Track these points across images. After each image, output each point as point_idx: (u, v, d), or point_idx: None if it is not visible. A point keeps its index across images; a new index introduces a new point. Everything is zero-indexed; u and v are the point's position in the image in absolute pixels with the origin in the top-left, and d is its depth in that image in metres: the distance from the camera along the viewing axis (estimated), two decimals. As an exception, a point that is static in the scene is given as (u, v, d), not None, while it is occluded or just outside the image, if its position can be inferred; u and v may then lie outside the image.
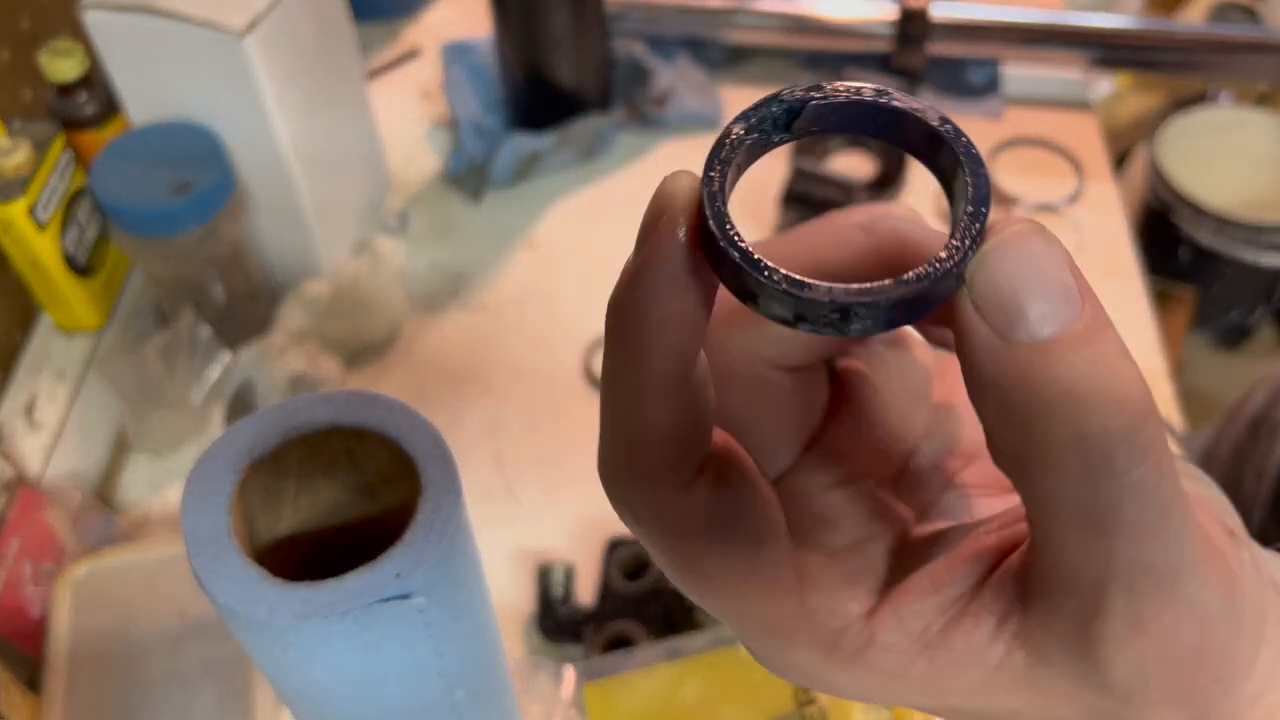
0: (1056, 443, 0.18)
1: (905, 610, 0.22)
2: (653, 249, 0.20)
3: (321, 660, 0.33)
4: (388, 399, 0.34)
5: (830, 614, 0.22)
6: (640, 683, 0.52)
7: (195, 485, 0.33)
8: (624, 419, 0.21)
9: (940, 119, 0.20)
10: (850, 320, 0.19)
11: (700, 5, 0.90)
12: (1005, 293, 0.18)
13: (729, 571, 0.22)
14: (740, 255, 0.19)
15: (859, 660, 0.22)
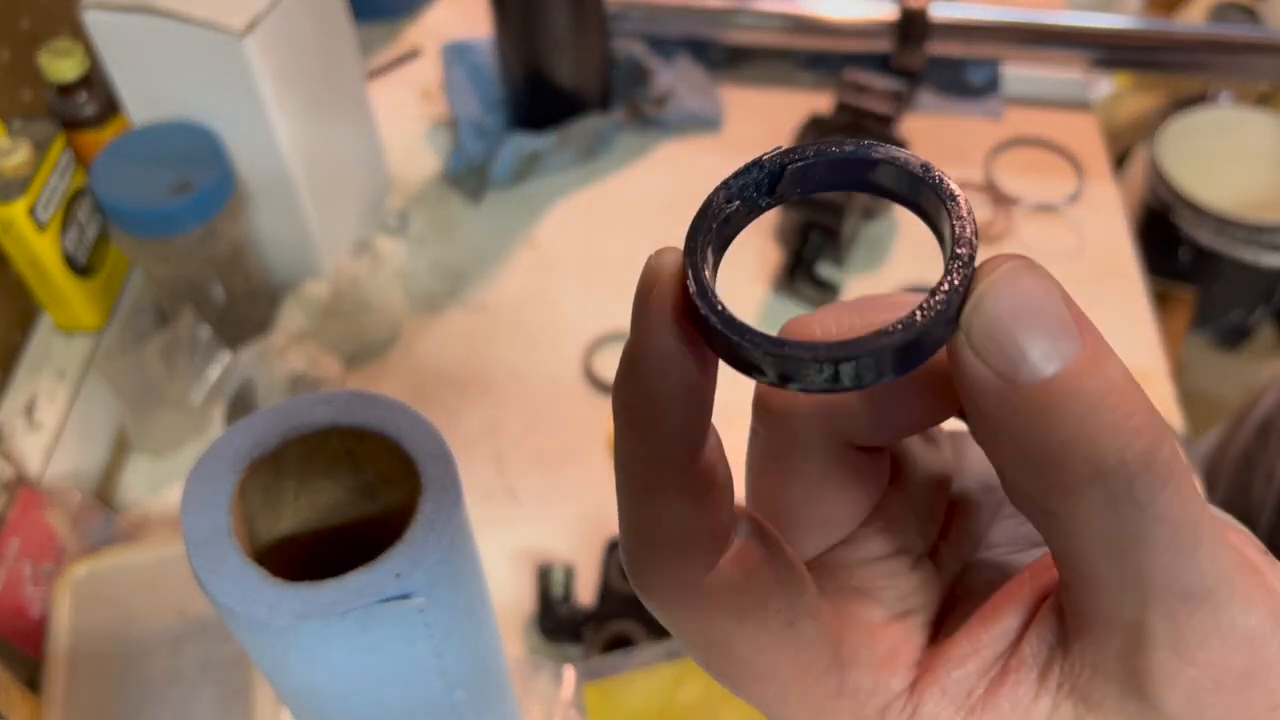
0: (1076, 481, 0.18)
1: (947, 679, 0.21)
2: (644, 327, 0.20)
3: (321, 660, 0.33)
4: (388, 399, 0.34)
5: (872, 692, 0.22)
6: (640, 683, 0.52)
7: (195, 485, 0.33)
8: (638, 504, 0.21)
9: (921, 165, 0.19)
10: (840, 376, 0.18)
11: (700, 5, 0.90)
12: (1003, 335, 0.18)
13: (762, 653, 0.21)
14: (721, 321, 0.19)
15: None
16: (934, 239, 0.20)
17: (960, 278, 0.18)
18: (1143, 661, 0.19)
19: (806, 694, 0.22)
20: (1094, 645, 0.20)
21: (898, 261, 0.79)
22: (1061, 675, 0.21)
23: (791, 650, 0.21)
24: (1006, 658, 0.21)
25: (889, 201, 0.21)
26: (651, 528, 0.21)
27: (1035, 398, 0.18)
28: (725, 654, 0.22)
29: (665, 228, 0.83)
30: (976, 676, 0.21)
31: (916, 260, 0.78)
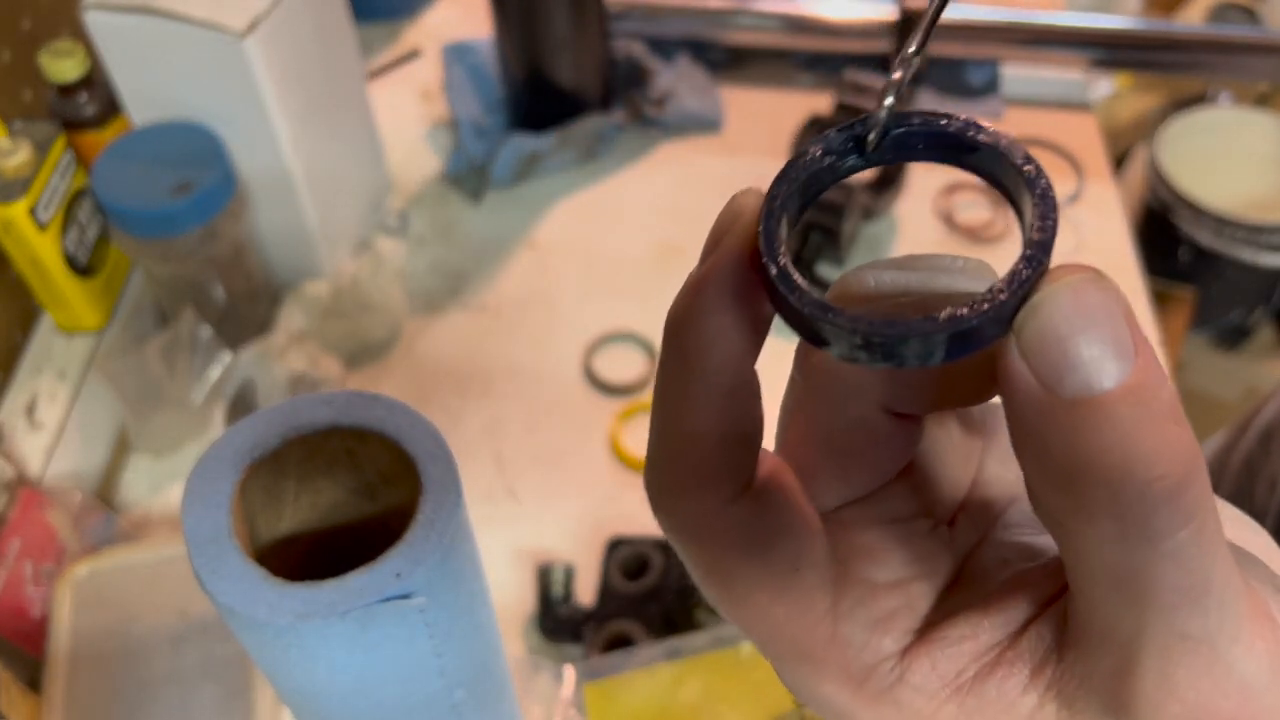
0: (1094, 502, 0.18)
1: (940, 653, 0.22)
2: (713, 263, 0.21)
3: (322, 660, 0.33)
4: (388, 399, 0.34)
5: (863, 647, 0.22)
6: (640, 683, 0.52)
7: (196, 485, 0.33)
8: (672, 428, 0.21)
9: (1024, 157, 0.19)
10: (885, 354, 0.19)
11: (700, 6, 0.90)
12: (1053, 345, 0.18)
13: (762, 591, 0.22)
14: (777, 273, 0.19)
15: (887, 698, 0.22)
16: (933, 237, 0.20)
17: (1025, 279, 0.18)
18: (1129, 687, 0.19)
19: (798, 638, 0.22)
20: (1087, 658, 0.20)
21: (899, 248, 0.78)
22: (1052, 677, 0.21)
23: (790, 594, 0.22)
24: (1003, 647, 0.21)
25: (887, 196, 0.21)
26: (679, 454, 0.21)
27: (1072, 412, 0.18)
28: (726, 586, 0.22)
29: (665, 228, 0.83)
30: (969, 658, 0.21)
31: (916, 260, 0.78)
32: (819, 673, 0.22)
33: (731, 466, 0.21)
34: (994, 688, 0.21)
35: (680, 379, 0.21)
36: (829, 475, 0.24)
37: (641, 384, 0.72)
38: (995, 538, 0.25)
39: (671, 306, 0.21)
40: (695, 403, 0.21)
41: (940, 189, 0.82)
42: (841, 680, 0.22)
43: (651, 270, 0.80)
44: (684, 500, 0.22)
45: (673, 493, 0.22)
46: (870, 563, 0.23)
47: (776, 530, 0.22)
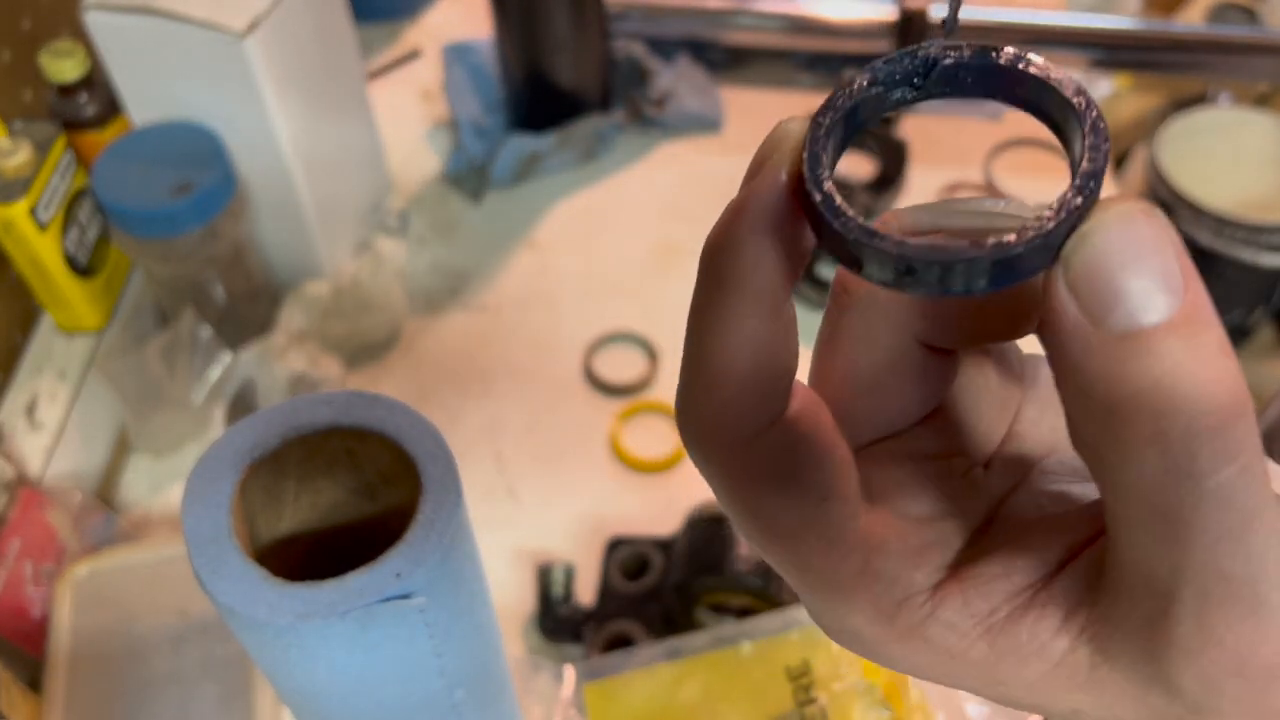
0: (1137, 437, 0.18)
1: (972, 591, 0.21)
2: (754, 188, 0.20)
3: (322, 660, 0.33)
4: (388, 399, 0.34)
5: (894, 581, 0.22)
6: (640, 682, 0.52)
7: (196, 485, 0.33)
8: (707, 356, 0.21)
9: (1076, 89, 0.19)
10: (929, 279, 0.18)
11: (700, 6, 0.90)
12: (1101, 276, 0.17)
13: (792, 521, 0.22)
14: (821, 198, 0.19)
15: (917, 634, 0.22)
16: None
17: (1074, 208, 0.18)
18: (1165, 632, 0.19)
19: (828, 569, 0.22)
20: (1122, 603, 0.19)
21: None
22: (1086, 622, 0.20)
23: (821, 525, 0.22)
24: (1037, 589, 0.21)
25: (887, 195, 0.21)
26: (713, 382, 0.21)
27: (1118, 345, 0.17)
28: (757, 516, 0.22)
29: (665, 228, 0.83)
30: (1002, 598, 0.21)
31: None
32: (849, 605, 0.22)
33: (765, 395, 0.21)
34: (1026, 629, 0.21)
35: (717, 305, 0.21)
36: (862, 409, 0.24)
37: (642, 384, 0.73)
38: (1030, 486, 0.24)
39: (710, 233, 0.21)
40: (731, 329, 0.21)
41: (940, 189, 0.82)
42: (871, 614, 0.22)
43: (651, 270, 0.80)
44: (717, 430, 0.21)
45: (706, 422, 0.22)
46: (903, 497, 0.23)
47: (808, 461, 0.22)
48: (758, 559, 0.55)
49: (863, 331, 0.23)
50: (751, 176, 0.21)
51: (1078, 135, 0.19)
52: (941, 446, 0.24)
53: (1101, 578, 0.20)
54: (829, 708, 0.50)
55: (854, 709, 0.49)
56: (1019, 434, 0.25)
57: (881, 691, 0.50)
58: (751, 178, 0.21)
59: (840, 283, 0.23)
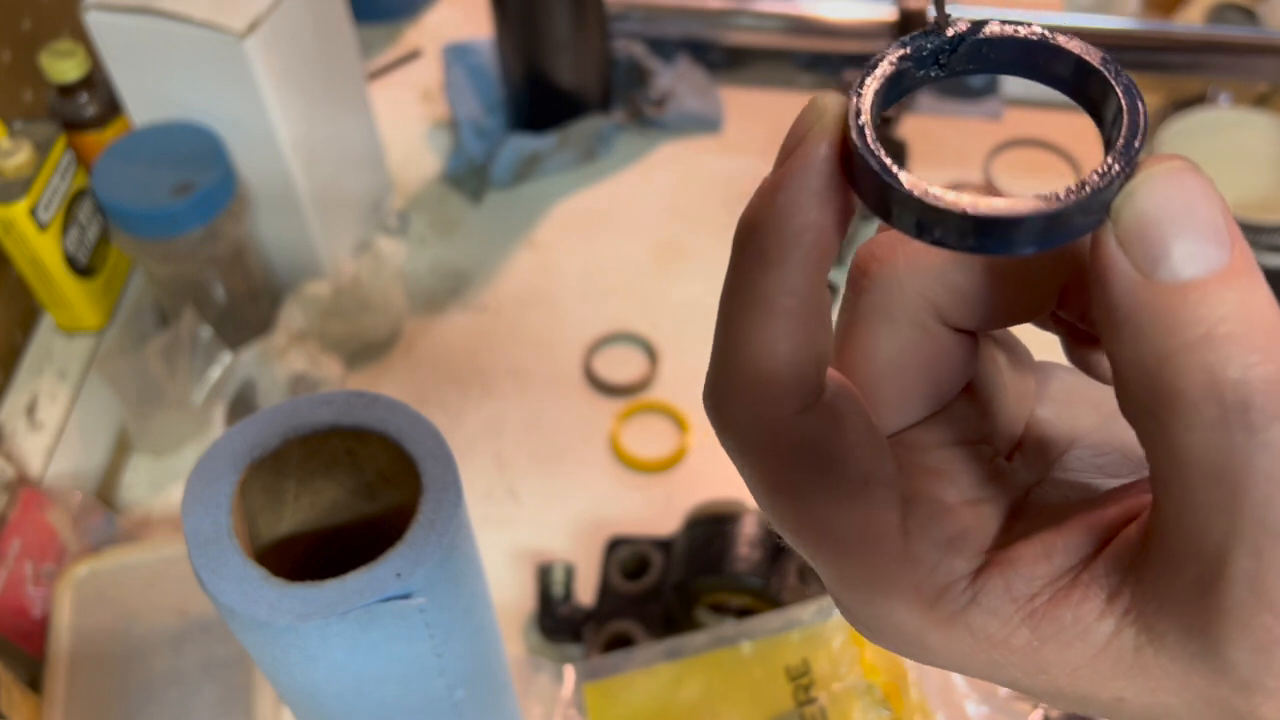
0: (1191, 388, 0.17)
1: (1014, 574, 0.21)
2: (796, 160, 0.20)
3: (322, 660, 0.33)
4: (388, 399, 0.34)
5: (934, 567, 0.21)
6: (640, 682, 0.52)
7: (196, 485, 0.33)
8: (741, 337, 0.21)
9: (1102, 58, 0.20)
10: (980, 236, 0.18)
11: (700, 6, 0.90)
12: (1152, 227, 0.18)
13: (830, 507, 0.21)
14: (877, 163, 0.19)
15: (958, 621, 0.21)
16: None
17: (1121, 166, 0.18)
18: (1215, 598, 0.18)
19: (867, 557, 0.22)
20: (1169, 575, 0.19)
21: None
22: (1130, 602, 0.20)
23: (861, 511, 0.21)
24: (1078, 571, 0.21)
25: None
26: (749, 361, 0.21)
27: (1170, 295, 0.17)
28: (792, 502, 0.22)
29: (666, 228, 0.83)
30: (1043, 582, 0.21)
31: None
32: (889, 594, 0.22)
33: (803, 377, 0.21)
34: (1069, 612, 0.20)
35: (754, 284, 0.20)
36: (887, 395, 0.23)
37: (642, 384, 0.73)
38: (1055, 479, 0.24)
39: (745, 211, 0.21)
40: (769, 308, 0.20)
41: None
42: (912, 602, 0.22)
43: (651, 270, 0.80)
44: (752, 411, 0.21)
45: (740, 403, 0.21)
46: (940, 482, 0.23)
47: (846, 444, 0.21)
48: (757, 559, 0.56)
49: (883, 313, 0.23)
50: (787, 154, 0.20)
51: (1112, 100, 0.19)
52: (968, 434, 0.24)
53: (1144, 555, 0.20)
54: (829, 708, 0.50)
55: (854, 709, 0.49)
56: (1038, 429, 0.25)
57: (881, 691, 0.50)
58: (787, 155, 0.20)
59: (858, 266, 0.23)
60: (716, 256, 0.80)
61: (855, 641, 0.51)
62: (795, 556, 0.56)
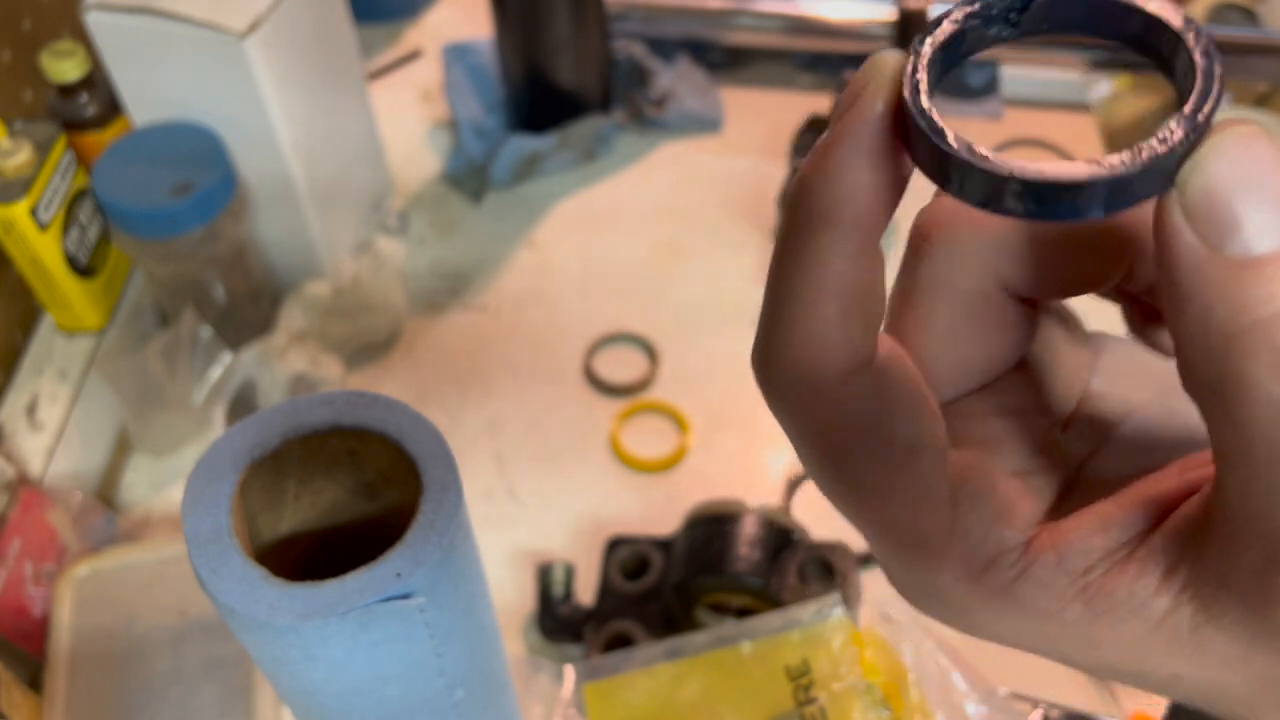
0: (1259, 367, 0.17)
1: (1067, 547, 0.20)
2: (849, 119, 0.20)
3: (322, 659, 0.33)
4: (388, 399, 0.34)
5: (984, 538, 0.21)
6: (640, 682, 0.52)
7: (196, 485, 0.33)
8: (793, 297, 0.20)
9: (1184, 19, 0.19)
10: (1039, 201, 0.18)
11: (700, 6, 0.90)
12: (1220, 199, 0.17)
13: (879, 474, 0.21)
14: (929, 126, 0.19)
15: (1009, 594, 0.21)
16: None
17: (1190, 130, 0.17)
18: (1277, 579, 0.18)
19: (915, 526, 0.21)
20: (1230, 554, 0.18)
21: (897, 262, 0.79)
22: (1188, 578, 0.19)
23: (909, 478, 0.21)
24: (1134, 546, 0.20)
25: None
26: (796, 323, 0.20)
27: (1237, 272, 0.17)
28: (840, 468, 0.21)
29: (666, 228, 0.83)
30: (1099, 555, 0.20)
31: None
32: (936, 564, 0.21)
33: (853, 338, 0.20)
34: (1124, 587, 0.20)
35: (807, 243, 0.20)
36: (945, 362, 0.23)
37: (642, 384, 0.73)
38: (1110, 452, 0.24)
39: (799, 173, 0.20)
40: (821, 267, 0.20)
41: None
42: (960, 572, 0.21)
43: (652, 270, 0.80)
44: (799, 375, 0.21)
45: (787, 368, 0.21)
46: (992, 452, 0.23)
47: (896, 410, 0.21)
48: (757, 559, 0.56)
49: (943, 279, 0.23)
50: (844, 110, 0.20)
51: (1187, 60, 0.18)
52: (1024, 403, 0.24)
53: (1204, 531, 0.19)
54: (829, 707, 0.50)
55: (854, 709, 0.49)
56: (1093, 401, 0.25)
57: (881, 691, 0.50)
58: (844, 112, 0.20)
59: (919, 231, 0.23)
60: (716, 256, 0.80)
61: (855, 641, 0.51)
62: (795, 556, 0.56)
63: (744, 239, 0.81)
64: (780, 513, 0.58)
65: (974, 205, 0.19)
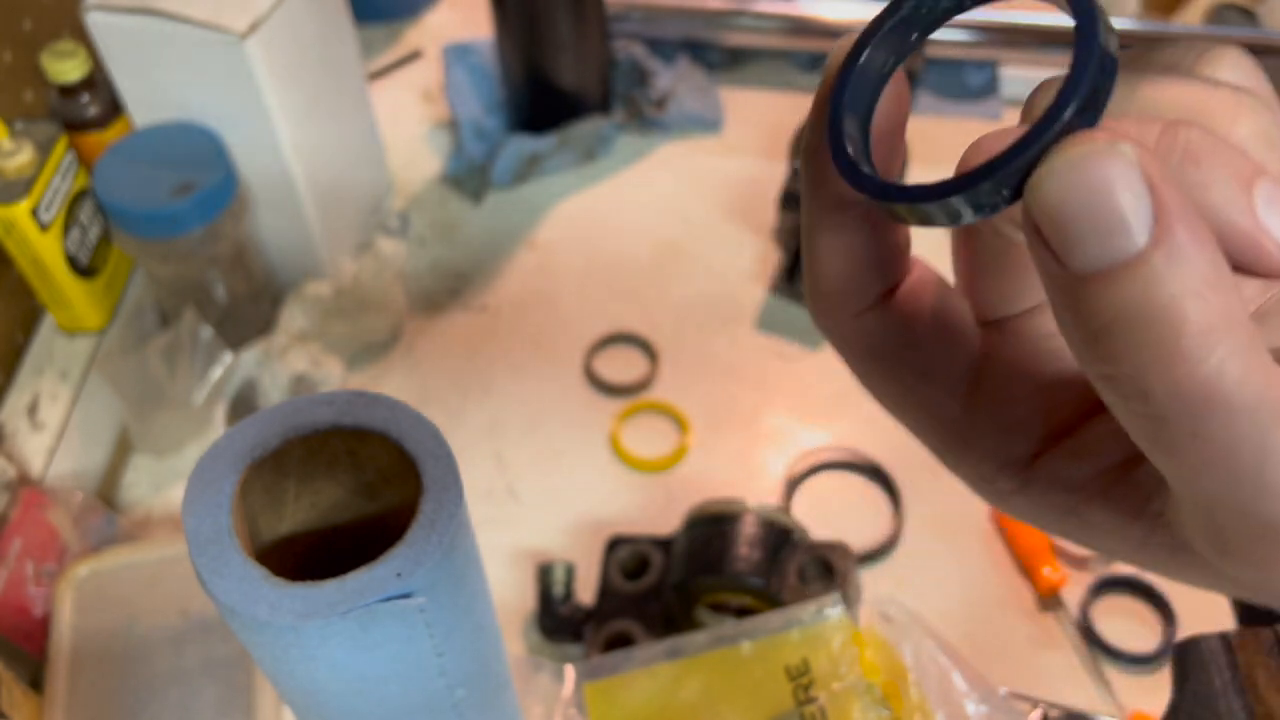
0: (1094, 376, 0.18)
1: (1062, 465, 0.23)
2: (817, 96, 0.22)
3: (323, 659, 0.33)
4: (389, 399, 0.34)
5: (991, 451, 0.24)
6: (640, 682, 0.52)
7: (197, 485, 0.33)
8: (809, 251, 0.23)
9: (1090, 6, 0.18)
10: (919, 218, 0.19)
11: (699, 7, 0.90)
12: (1057, 220, 0.17)
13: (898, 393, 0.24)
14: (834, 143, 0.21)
15: (1011, 503, 0.24)
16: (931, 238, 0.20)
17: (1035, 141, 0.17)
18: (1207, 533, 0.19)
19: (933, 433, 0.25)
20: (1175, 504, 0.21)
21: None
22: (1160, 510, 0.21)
23: (922, 397, 0.24)
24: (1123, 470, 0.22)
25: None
26: (814, 271, 0.23)
27: (1077, 286, 0.18)
28: (868, 384, 0.25)
29: (665, 229, 0.83)
30: (1089, 474, 0.22)
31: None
32: (955, 466, 0.25)
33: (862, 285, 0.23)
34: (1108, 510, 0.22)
35: (810, 202, 0.23)
36: (985, 285, 0.25)
37: (642, 384, 0.73)
38: None
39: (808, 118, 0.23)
40: (821, 224, 0.23)
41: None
42: (972, 477, 0.25)
43: (652, 271, 0.80)
44: (823, 315, 0.24)
45: (817, 305, 0.24)
46: (1013, 372, 0.25)
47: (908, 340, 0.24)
48: (757, 559, 0.56)
49: None
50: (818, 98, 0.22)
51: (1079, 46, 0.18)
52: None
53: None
54: (828, 707, 0.50)
55: (853, 708, 0.49)
56: None
57: (880, 691, 0.50)
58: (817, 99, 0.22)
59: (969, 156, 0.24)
60: (716, 256, 0.80)
61: (855, 641, 0.51)
62: (795, 556, 0.56)
63: (743, 239, 0.81)
64: (780, 512, 0.58)
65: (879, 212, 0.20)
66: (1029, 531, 0.64)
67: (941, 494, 0.67)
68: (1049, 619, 0.62)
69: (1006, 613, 0.62)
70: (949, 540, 0.65)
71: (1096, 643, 0.60)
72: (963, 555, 0.65)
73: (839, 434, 0.70)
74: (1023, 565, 0.64)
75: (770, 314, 0.76)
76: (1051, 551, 0.63)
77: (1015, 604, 0.63)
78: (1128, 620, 0.62)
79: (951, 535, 0.66)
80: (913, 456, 0.69)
